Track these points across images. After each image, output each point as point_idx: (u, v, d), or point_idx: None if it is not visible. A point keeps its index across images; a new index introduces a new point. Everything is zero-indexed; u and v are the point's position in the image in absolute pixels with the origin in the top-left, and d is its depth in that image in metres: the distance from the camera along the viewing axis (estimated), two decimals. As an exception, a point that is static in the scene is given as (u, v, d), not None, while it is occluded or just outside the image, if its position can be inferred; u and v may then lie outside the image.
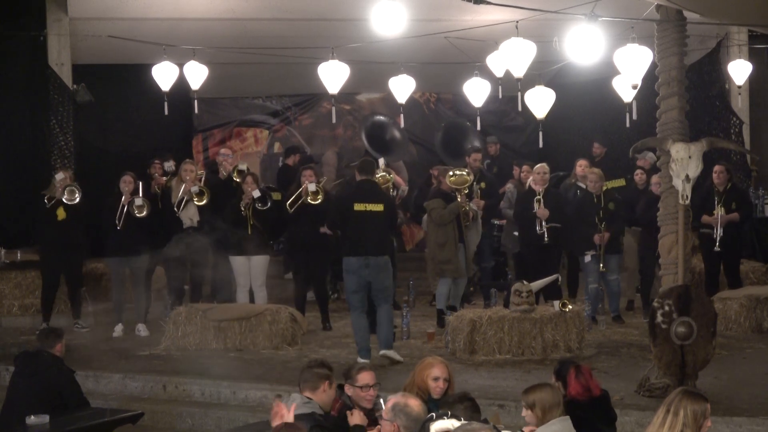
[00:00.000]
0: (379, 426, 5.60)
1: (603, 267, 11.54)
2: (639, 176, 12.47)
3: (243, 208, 11.55)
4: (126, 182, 11.48)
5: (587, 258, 11.59)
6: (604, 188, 11.75)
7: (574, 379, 6.28)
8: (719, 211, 11.53)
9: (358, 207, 9.92)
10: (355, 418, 5.95)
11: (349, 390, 6.33)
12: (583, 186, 12.18)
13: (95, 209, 11.75)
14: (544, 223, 11.49)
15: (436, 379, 6.35)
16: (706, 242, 11.71)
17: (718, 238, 11.50)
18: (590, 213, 11.61)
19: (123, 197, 11.39)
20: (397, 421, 5.27)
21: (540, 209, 11.54)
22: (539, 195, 11.62)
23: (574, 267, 12.53)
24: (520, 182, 12.99)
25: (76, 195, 11.55)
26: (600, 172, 11.82)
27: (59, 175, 11.63)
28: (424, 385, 6.33)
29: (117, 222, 11.32)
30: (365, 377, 6.32)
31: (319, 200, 11.54)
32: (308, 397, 6.11)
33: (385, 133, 15.42)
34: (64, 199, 11.47)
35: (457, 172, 11.90)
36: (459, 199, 11.67)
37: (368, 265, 9.80)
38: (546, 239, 11.49)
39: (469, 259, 12.18)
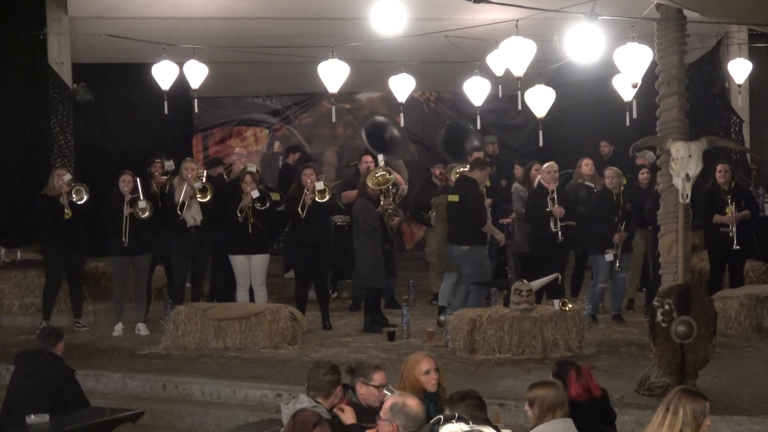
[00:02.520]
0: (377, 427, 5.56)
1: (618, 266, 11.54)
2: (644, 175, 12.42)
3: (242, 210, 11.55)
4: (125, 181, 11.45)
5: (608, 257, 11.55)
6: (621, 188, 11.75)
7: (575, 380, 6.26)
8: (732, 210, 11.52)
9: (449, 198, 11.61)
10: (348, 416, 5.94)
11: (362, 389, 6.30)
12: (591, 185, 12.17)
13: (95, 208, 11.74)
14: (558, 221, 11.57)
15: (427, 372, 6.32)
16: (722, 241, 11.61)
17: (735, 237, 11.49)
18: (610, 211, 11.57)
19: (125, 199, 11.37)
20: (396, 421, 5.24)
21: (556, 207, 11.60)
22: (552, 193, 11.66)
23: (580, 266, 12.49)
24: (527, 180, 12.95)
25: (84, 194, 11.54)
26: (618, 170, 11.80)
27: (66, 176, 11.59)
28: (416, 383, 6.29)
29: (123, 229, 11.29)
30: (380, 376, 6.32)
31: (327, 198, 11.55)
32: (317, 401, 6.09)
33: (384, 133, 15.42)
34: (73, 200, 11.46)
35: (461, 169, 11.93)
36: None
37: (452, 252, 11.42)
38: (560, 237, 11.53)
39: None
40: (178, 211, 11.60)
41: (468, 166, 12.15)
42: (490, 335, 9.85)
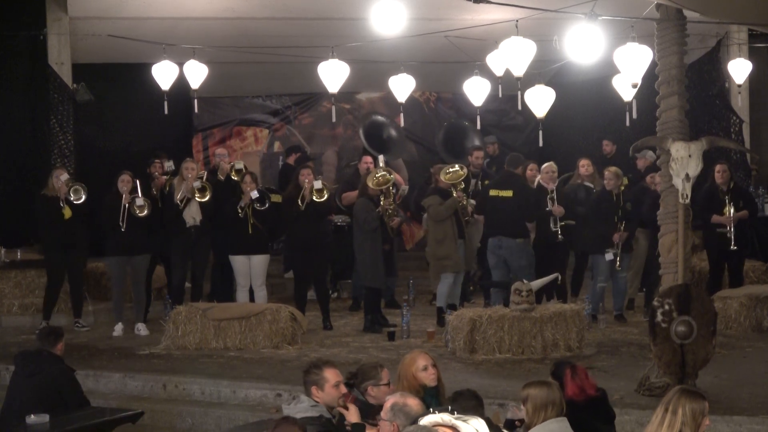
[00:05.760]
0: (377, 427, 5.55)
1: (618, 265, 11.56)
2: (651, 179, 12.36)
3: (242, 208, 11.55)
4: (124, 181, 11.45)
5: (609, 256, 11.58)
6: (621, 187, 11.76)
7: (570, 380, 6.26)
8: (730, 210, 11.54)
9: (492, 192, 11.72)
10: (352, 415, 5.94)
11: (373, 391, 6.24)
12: (590, 185, 12.19)
13: (94, 208, 11.75)
14: (558, 221, 11.62)
15: (424, 368, 6.33)
16: (719, 242, 11.65)
17: (733, 237, 11.50)
18: (609, 212, 11.62)
19: (123, 197, 11.38)
20: (396, 420, 5.22)
21: (555, 207, 11.68)
22: (552, 193, 11.69)
23: (580, 266, 12.51)
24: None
25: (82, 194, 11.54)
26: (617, 170, 11.81)
27: (63, 176, 11.60)
28: (414, 381, 6.28)
29: (120, 223, 11.31)
30: (387, 373, 6.32)
31: (325, 198, 11.55)
32: (315, 400, 6.10)
33: (382, 133, 15.43)
34: (71, 199, 11.47)
35: (451, 169, 11.93)
36: (455, 195, 11.69)
37: (501, 246, 11.47)
38: (560, 237, 11.56)
39: (471, 255, 12.24)
40: (180, 209, 11.59)
41: (456, 165, 12.13)
42: (490, 335, 9.84)
